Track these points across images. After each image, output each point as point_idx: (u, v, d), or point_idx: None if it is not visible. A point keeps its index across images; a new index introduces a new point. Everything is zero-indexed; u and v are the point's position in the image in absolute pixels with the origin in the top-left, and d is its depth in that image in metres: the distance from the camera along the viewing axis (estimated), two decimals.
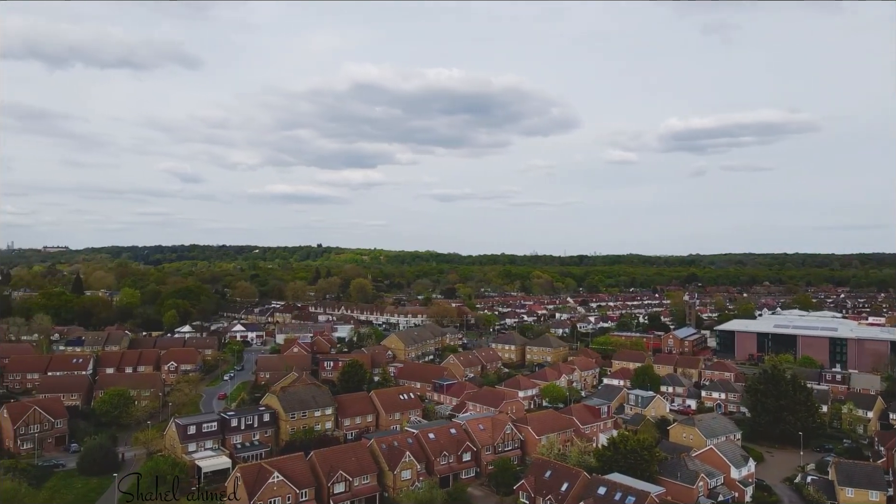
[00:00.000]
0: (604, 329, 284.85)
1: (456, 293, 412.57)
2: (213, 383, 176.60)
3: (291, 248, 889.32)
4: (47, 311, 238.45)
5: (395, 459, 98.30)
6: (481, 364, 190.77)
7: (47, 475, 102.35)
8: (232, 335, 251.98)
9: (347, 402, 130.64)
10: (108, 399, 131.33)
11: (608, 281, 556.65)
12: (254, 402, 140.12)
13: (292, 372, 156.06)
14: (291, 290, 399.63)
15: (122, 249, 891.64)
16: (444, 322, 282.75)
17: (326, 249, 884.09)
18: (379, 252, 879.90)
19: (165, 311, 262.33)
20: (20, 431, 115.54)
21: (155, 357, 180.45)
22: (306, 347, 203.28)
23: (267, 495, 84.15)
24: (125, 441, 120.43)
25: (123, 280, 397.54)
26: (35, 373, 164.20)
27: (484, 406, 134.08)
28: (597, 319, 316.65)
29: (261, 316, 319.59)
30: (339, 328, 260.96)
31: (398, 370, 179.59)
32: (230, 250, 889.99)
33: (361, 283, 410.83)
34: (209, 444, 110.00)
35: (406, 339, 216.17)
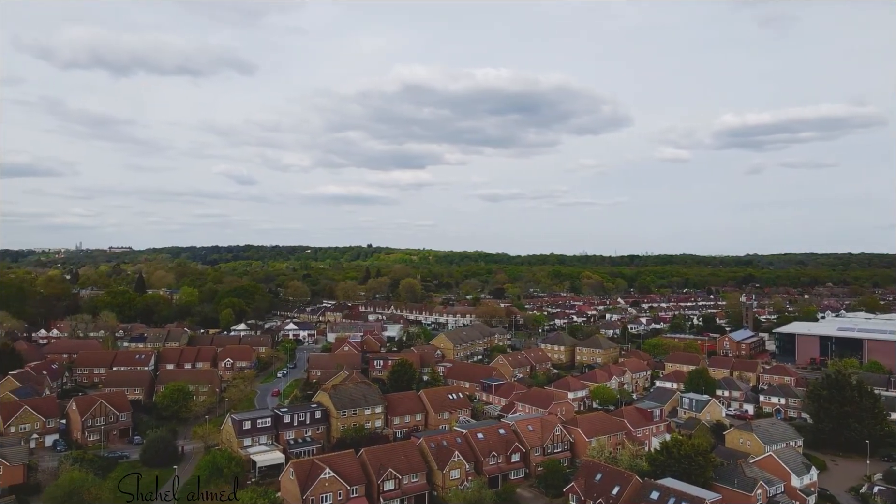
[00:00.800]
0: (656, 331, 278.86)
1: (504, 293, 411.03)
2: (266, 380, 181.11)
3: (342, 248, 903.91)
4: (112, 309, 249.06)
5: (444, 458, 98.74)
6: (530, 364, 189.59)
7: (112, 466, 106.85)
8: (285, 333, 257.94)
9: (397, 400, 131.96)
10: (169, 394, 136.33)
11: (660, 282, 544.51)
12: (306, 400, 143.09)
13: (343, 370, 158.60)
14: (342, 289, 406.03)
15: (182, 250, 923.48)
16: (492, 322, 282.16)
17: (376, 249, 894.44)
18: (428, 252, 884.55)
19: (222, 310, 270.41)
20: (87, 423, 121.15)
21: (212, 354, 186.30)
22: (356, 346, 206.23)
23: (319, 490, 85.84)
24: (184, 434, 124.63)
25: (183, 279, 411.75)
26: (101, 368, 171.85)
27: (533, 407, 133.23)
28: (648, 321, 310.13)
29: (312, 315, 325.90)
30: (388, 327, 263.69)
31: (447, 370, 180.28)
32: (283, 250, 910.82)
33: (410, 283, 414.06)
34: (263, 440, 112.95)
35: (455, 338, 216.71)
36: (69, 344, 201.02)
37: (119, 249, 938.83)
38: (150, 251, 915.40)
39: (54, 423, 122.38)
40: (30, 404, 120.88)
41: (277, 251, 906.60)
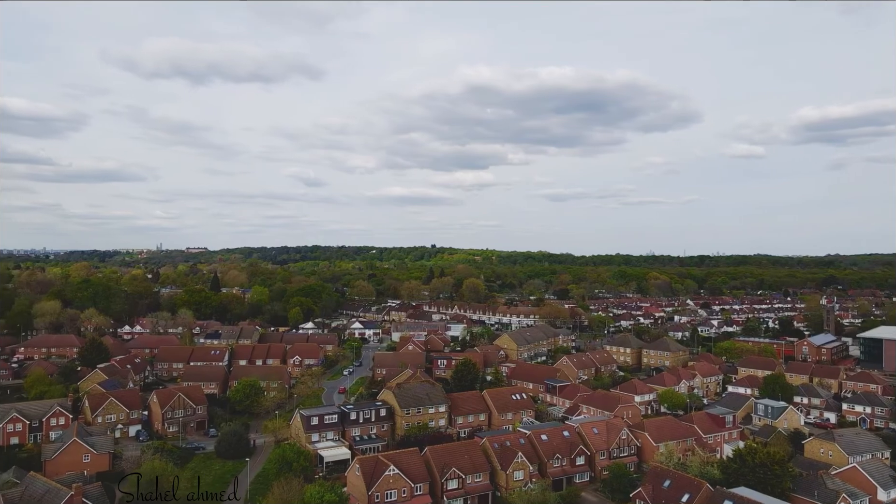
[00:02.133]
0: (728, 334, 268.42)
1: (568, 294, 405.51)
2: (333, 377, 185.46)
3: (406, 248, 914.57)
4: (190, 307, 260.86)
5: (507, 459, 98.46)
6: (595, 366, 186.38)
7: (189, 456, 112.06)
8: (351, 332, 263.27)
9: (460, 400, 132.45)
10: (242, 389, 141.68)
11: (732, 283, 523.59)
12: (371, 397, 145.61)
13: (407, 369, 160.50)
14: (406, 289, 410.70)
15: (253, 250, 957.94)
16: (556, 323, 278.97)
17: (440, 250, 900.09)
18: (491, 252, 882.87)
19: (291, 308, 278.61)
20: (167, 415, 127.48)
21: (282, 351, 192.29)
22: (420, 345, 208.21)
23: (383, 487, 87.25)
24: (256, 428, 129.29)
25: (254, 279, 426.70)
26: (179, 362, 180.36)
27: (598, 409, 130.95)
28: (720, 323, 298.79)
29: (377, 314, 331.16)
30: (452, 327, 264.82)
31: (510, 370, 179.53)
32: (349, 251, 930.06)
33: (474, 283, 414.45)
34: (330, 435, 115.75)
35: (518, 339, 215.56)
36: (151, 340, 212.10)
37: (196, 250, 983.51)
38: (224, 251, 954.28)
39: (137, 414, 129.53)
40: (115, 396, 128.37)
41: (344, 251, 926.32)
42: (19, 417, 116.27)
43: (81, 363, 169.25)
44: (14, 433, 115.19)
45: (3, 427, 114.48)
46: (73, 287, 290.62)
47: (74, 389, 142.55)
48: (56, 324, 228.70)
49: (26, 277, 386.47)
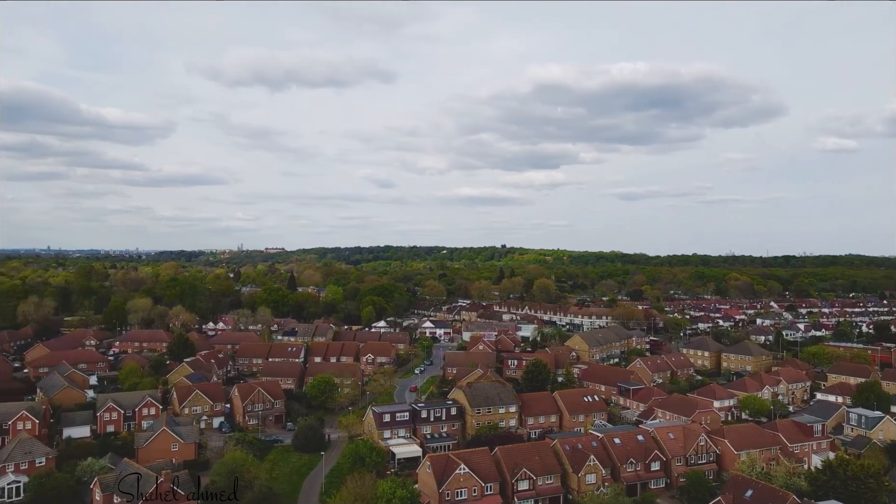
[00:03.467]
0: (816, 338, 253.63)
1: (643, 295, 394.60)
2: (405, 376, 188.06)
3: (477, 248, 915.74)
4: (268, 305, 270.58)
5: (579, 462, 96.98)
6: (671, 369, 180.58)
7: (268, 449, 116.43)
8: (422, 331, 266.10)
9: (531, 400, 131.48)
10: (317, 385, 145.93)
11: (821, 284, 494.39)
12: (442, 396, 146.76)
13: (478, 368, 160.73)
14: (477, 289, 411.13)
15: (328, 250, 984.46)
16: (629, 324, 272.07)
17: (510, 250, 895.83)
18: (562, 252, 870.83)
19: (364, 307, 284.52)
20: (247, 408, 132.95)
21: (355, 349, 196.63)
22: (491, 345, 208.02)
23: (454, 485, 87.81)
24: (330, 423, 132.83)
25: (329, 278, 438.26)
26: (259, 358, 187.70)
27: (674, 414, 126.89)
28: (807, 327, 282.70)
29: (448, 314, 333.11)
30: (522, 327, 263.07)
31: (582, 371, 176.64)
32: (420, 251, 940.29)
33: (545, 283, 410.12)
34: (402, 433, 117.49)
35: (590, 340, 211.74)
36: (232, 336, 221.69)
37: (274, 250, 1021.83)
38: (300, 252, 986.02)
39: (220, 406, 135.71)
40: (200, 388, 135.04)
41: (415, 251, 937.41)
42: (115, 407, 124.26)
43: (170, 357, 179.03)
44: (110, 421, 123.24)
45: (101, 415, 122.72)
46: (163, 285, 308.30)
47: (164, 382, 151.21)
48: (147, 320, 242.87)
49: (121, 276, 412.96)
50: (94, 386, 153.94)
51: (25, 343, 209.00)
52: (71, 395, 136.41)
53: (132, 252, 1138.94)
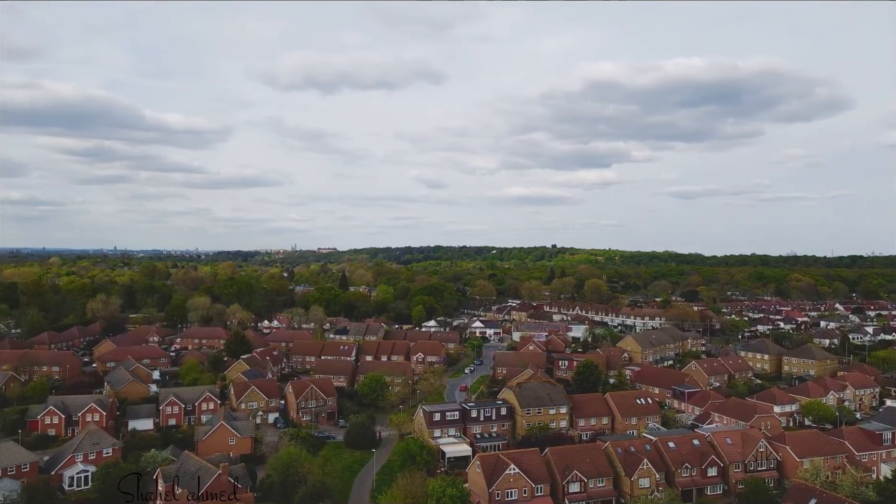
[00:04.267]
0: (886, 342, 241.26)
1: (698, 296, 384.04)
2: (455, 375, 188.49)
3: (527, 248, 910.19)
4: (321, 304, 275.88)
5: (632, 465, 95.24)
6: (728, 373, 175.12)
7: (321, 445, 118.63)
8: (472, 331, 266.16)
9: (582, 402, 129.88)
10: (368, 383, 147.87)
11: (891, 286, 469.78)
12: (492, 396, 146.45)
13: (528, 369, 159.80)
14: (527, 289, 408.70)
15: (379, 250, 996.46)
16: (684, 326, 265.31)
17: (561, 250, 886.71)
18: (614, 252, 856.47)
19: (414, 307, 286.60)
20: (301, 405, 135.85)
21: (405, 348, 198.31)
22: (541, 345, 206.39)
23: (504, 485, 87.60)
24: (381, 421, 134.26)
25: (379, 278, 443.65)
26: (312, 356, 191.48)
27: (731, 419, 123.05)
28: (875, 330, 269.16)
29: (498, 313, 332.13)
30: (573, 328, 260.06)
31: (634, 373, 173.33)
32: (470, 251, 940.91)
33: (596, 284, 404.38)
34: (452, 432, 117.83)
35: (643, 341, 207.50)
36: (286, 334, 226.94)
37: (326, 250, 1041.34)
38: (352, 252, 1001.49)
39: (275, 402, 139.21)
40: (256, 385, 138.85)
41: (465, 251, 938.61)
42: (176, 401, 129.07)
43: (227, 354, 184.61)
44: (172, 415, 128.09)
45: (163, 409, 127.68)
46: (221, 284, 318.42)
47: (222, 378, 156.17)
48: (206, 317, 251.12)
49: (182, 275, 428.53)
50: (156, 381, 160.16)
51: (94, 339, 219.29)
52: (136, 389, 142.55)
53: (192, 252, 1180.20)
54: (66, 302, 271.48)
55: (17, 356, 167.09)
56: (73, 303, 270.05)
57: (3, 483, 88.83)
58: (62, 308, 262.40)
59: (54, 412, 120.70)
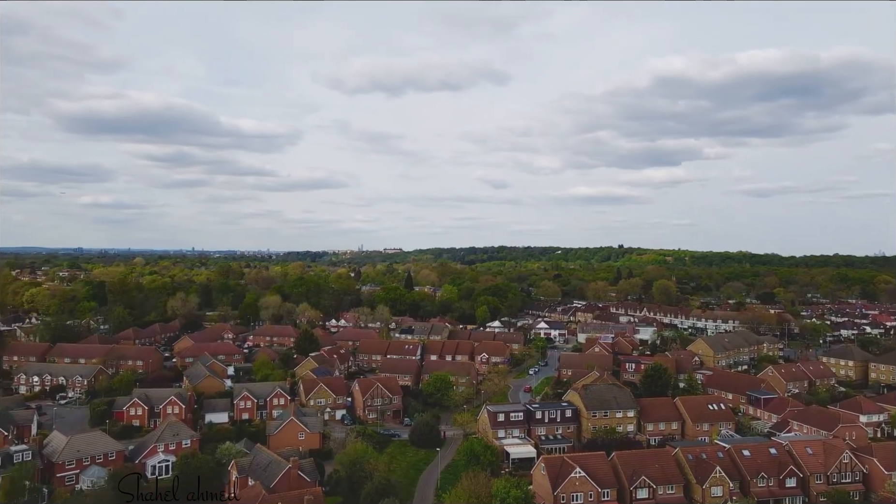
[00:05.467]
0: None
1: (775, 298, 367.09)
2: (519, 376, 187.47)
3: (592, 248, 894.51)
4: (386, 304, 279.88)
5: (703, 473, 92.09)
6: (808, 379, 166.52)
7: (387, 442, 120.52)
8: (536, 332, 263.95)
9: (650, 406, 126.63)
10: (433, 382, 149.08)
11: None
12: (556, 398, 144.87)
13: (594, 371, 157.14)
14: (593, 290, 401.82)
15: (443, 250, 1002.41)
16: (760, 329, 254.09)
17: (627, 250, 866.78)
18: (684, 253, 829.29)
19: (478, 307, 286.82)
20: (367, 403, 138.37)
21: (470, 348, 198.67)
22: (607, 347, 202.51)
23: (569, 489, 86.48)
24: (446, 421, 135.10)
25: (444, 278, 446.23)
26: (378, 355, 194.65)
27: (812, 427, 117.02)
28: None
29: (563, 314, 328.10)
30: (641, 330, 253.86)
31: (706, 378, 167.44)
32: (534, 251, 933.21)
33: (665, 285, 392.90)
34: (516, 433, 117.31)
35: (715, 344, 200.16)
36: (353, 333, 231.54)
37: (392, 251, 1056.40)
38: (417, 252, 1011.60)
39: (342, 400, 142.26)
40: (324, 382, 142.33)
41: (529, 252, 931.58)
42: (249, 396, 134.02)
43: (297, 351, 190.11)
44: (245, 409, 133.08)
45: (237, 403, 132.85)
46: (291, 284, 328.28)
47: (291, 374, 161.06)
48: (277, 316, 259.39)
49: (254, 275, 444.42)
50: (231, 376, 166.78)
51: (174, 335, 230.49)
52: (212, 384, 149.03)
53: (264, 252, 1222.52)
54: (149, 300, 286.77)
55: (105, 351, 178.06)
56: (154, 300, 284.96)
57: (92, 470, 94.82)
58: (145, 305, 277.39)
59: (138, 404, 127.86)
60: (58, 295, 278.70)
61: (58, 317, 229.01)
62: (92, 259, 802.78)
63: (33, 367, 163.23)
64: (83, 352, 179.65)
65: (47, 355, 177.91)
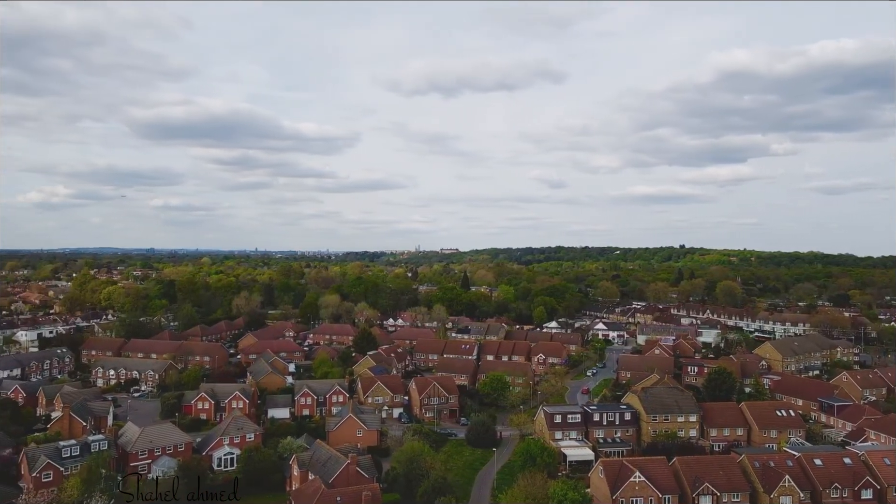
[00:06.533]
0: None
1: (849, 300, 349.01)
2: (577, 377, 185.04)
3: (652, 248, 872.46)
4: (443, 303, 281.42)
5: (771, 481, 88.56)
6: (886, 386, 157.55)
7: (443, 441, 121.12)
8: (594, 333, 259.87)
9: (713, 410, 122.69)
10: (490, 382, 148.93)
11: None
12: (615, 400, 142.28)
13: (654, 373, 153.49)
14: (653, 291, 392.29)
15: (500, 251, 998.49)
16: (832, 333, 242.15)
17: (689, 250, 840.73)
18: (749, 253, 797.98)
19: (535, 307, 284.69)
20: (424, 401, 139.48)
21: (526, 349, 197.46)
22: (668, 350, 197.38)
23: (628, 493, 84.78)
24: (502, 421, 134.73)
25: (500, 278, 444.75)
26: (434, 354, 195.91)
27: (890, 437, 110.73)
28: None
29: (622, 315, 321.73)
30: (703, 332, 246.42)
31: (774, 383, 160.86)
32: (592, 251, 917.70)
33: (729, 286, 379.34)
34: (573, 435, 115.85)
35: (783, 348, 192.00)
36: (410, 332, 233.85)
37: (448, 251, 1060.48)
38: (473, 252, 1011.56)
39: (399, 398, 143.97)
40: (382, 380, 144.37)
41: (587, 252, 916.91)
42: (309, 392, 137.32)
43: (355, 350, 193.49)
44: (305, 406, 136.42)
45: (298, 400, 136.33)
46: (349, 283, 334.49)
47: (350, 372, 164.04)
48: (336, 314, 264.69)
49: (314, 275, 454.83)
50: (292, 373, 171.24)
51: (238, 332, 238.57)
52: (274, 380, 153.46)
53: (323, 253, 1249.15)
54: (215, 298, 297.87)
55: (175, 347, 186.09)
56: (220, 299, 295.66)
57: (163, 460, 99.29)
58: (212, 304, 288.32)
59: (205, 398, 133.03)
60: (132, 293, 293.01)
61: (131, 314, 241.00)
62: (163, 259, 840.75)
63: (109, 362, 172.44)
64: (155, 347, 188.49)
65: (122, 350, 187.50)
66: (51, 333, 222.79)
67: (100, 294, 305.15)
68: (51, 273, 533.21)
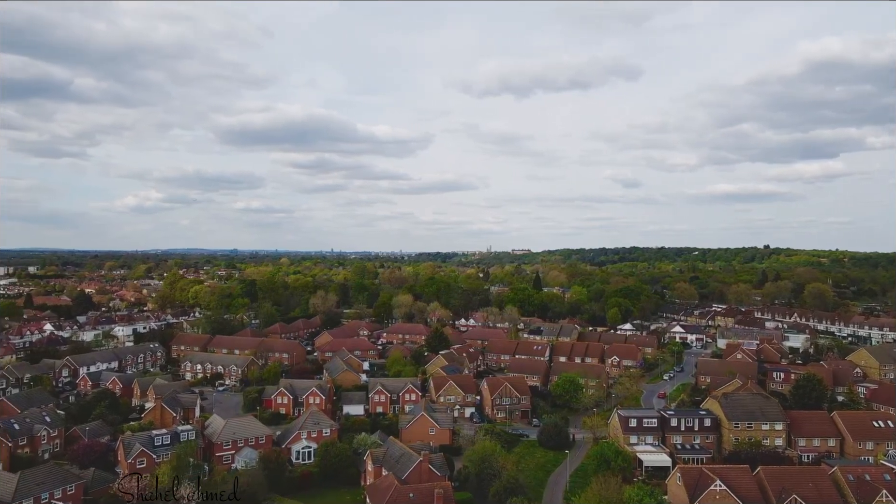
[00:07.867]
0: None
1: None
2: (653, 381, 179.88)
3: (733, 249, 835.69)
4: (515, 304, 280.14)
5: (867, 496, 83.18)
6: None
7: (515, 442, 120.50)
8: (671, 335, 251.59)
9: (801, 419, 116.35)
10: (562, 384, 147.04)
11: None
12: (693, 405, 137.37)
13: (736, 379, 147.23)
14: (734, 292, 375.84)
15: (572, 252, 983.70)
16: None
17: (774, 251, 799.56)
18: (841, 253, 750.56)
19: (609, 309, 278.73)
20: (496, 402, 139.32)
21: (600, 350, 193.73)
22: (751, 354, 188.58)
23: (708, 501, 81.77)
24: (574, 423, 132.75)
25: (573, 279, 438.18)
26: (506, 354, 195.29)
27: None
28: None
29: (700, 318, 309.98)
30: (790, 337, 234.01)
31: (870, 391, 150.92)
32: (669, 252, 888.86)
33: (819, 289, 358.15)
34: (649, 439, 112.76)
35: (881, 355, 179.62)
36: (482, 332, 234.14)
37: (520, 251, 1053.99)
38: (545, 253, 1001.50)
39: (471, 397, 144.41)
40: (454, 380, 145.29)
41: (663, 253, 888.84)
42: (383, 390, 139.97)
43: (427, 349, 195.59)
44: (379, 403, 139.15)
45: (372, 397, 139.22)
46: (422, 283, 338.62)
47: (422, 371, 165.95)
48: (409, 314, 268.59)
49: (388, 275, 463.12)
50: (366, 371, 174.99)
51: (315, 331, 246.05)
52: (349, 378, 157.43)
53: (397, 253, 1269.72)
54: (293, 297, 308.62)
55: (256, 343, 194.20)
56: (298, 298, 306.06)
57: (245, 452, 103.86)
58: (290, 302, 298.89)
59: (284, 393, 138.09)
60: (216, 292, 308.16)
61: (216, 312, 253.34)
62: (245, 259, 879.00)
63: (197, 357, 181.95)
64: (237, 344, 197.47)
65: (208, 346, 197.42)
66: (144, 329, 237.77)
67: (188, 293, 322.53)
68: (144, 273, 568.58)
